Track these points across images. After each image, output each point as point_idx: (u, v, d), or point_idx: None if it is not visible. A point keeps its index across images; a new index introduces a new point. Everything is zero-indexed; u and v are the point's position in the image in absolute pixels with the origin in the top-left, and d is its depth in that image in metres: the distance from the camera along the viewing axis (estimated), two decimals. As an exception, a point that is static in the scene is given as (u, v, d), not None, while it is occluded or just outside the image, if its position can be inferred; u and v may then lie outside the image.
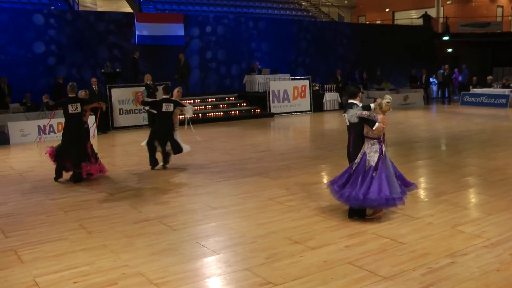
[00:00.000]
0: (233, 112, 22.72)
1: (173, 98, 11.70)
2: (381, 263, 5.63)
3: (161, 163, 11.55)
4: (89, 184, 10.23)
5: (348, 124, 7.49)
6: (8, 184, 10.58)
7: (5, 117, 17.49)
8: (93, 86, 18.66)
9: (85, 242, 6.69)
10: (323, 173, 10.88)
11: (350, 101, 7.79)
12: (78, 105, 10.51)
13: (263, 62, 26.26)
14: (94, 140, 15.07)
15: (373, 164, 6.98)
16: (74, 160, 10.31)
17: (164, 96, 11.61)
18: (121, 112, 19.32)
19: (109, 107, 18.67)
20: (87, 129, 10.97)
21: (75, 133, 10.42)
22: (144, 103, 12.79)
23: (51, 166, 12.19)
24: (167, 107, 11.33)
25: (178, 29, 23.70)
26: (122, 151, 14.93)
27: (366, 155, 7.12)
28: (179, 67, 22.33)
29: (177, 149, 11.40)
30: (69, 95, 10.71)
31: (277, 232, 6.77)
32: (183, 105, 11.79)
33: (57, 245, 6.60)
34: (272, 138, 17.51)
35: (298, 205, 8.11)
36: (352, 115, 7.33)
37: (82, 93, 11.36)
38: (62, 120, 17.45)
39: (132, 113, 19.60)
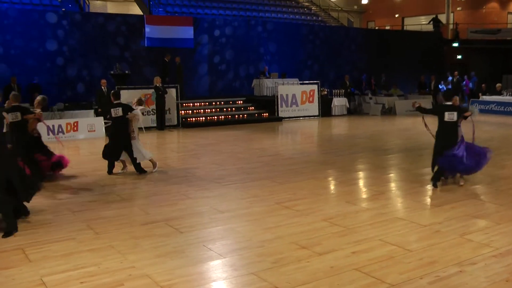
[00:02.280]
0: (241, 115, 22.73)
1: (125, 103, 11.50)
2: (388, 270, 5.60)
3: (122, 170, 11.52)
4: (97, 185, 10.26)
5: (455, 119, 9.54)
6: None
7: (14, 117, 17.55)
8: (103, 88, 18.75)
9: (93, 242, 6.71)
10: (330, 178, 10.86)
11: (446, 103, 9.87)
12: (19, 114, 9.82)
13: (271, 66, 26.27)
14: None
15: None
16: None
17: (114, 102, 11.30)
18: (130, 114, 19.32)
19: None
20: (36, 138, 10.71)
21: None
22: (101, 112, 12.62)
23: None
24: (116, 112, 11.11)
25: (187, 32, 23.76)
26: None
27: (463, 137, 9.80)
28: (176, 69, 22.20)
29: (115, 155, 11.28)
30: (12, 104, 9.95)
31: (284, 237, 6.76)
32: (131, 110, 11.32)
33: (64, 245, 6.62)
34: (280, 142, 17.50)
35: (306, 210, 8.09)
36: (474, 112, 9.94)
37: (38, 99, 11.02)
38: (72, 120, 17.75)
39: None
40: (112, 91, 11.89)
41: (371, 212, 7.93)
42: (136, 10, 29.22)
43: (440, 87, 29.00)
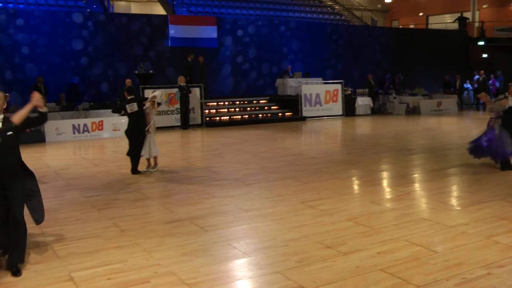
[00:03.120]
0: (264, 115, 22.75)
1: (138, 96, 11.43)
2: (413, 271, 5.56)
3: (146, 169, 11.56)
4: (122, 183, 10.35)
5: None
6: (44, 181, 10.75)
7: (41, 116, 17.82)
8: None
9: (118, 240, 6.77)
10: (354, 178, 10.81)
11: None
12: None
13: (295, 65, 26.25)
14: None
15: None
16: None
17: (128, 97, 11.28)
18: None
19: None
20: None
21: None
22: (114, 111, 12.67)
23: (85, 165, 12.44)
24: (131, 108, 11.12)
25: (211, 32, 23.86)
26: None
27: None
28: (199, 69, 22.28)
29: (139, 152, 11.27)
30: None
31: (308, 236, 6.75)
32: (145, 99, 11.40)
33: (91, 242, 6.70)
34: (303, 142, 17.47)
35: (330, 209, 8.07)
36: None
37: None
38: (97, 119, 17.92)
39: (165, 114, 19.78)
40: (126, 87, 11.89)
41: (396, 212, 7.88)
42: (159, 10, 29.40)
43: (465, 86, 28.75)
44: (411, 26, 37.91)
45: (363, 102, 25.00)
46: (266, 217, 7.70)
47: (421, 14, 39.51)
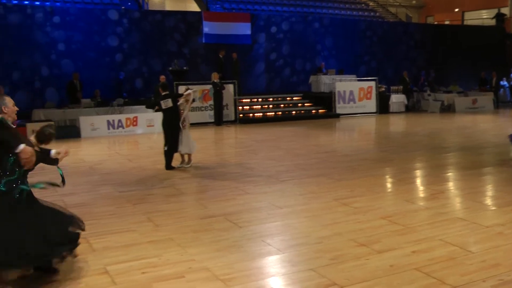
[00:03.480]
0: (298, 112, 22.72)
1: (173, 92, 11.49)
2: (449, 271, 5.49)
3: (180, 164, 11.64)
4: (156, 178, 10.46)
5: None
6: (79, 175, 10.96)
7: (77, 112, 18.19)
8: (161, 84, 19.02)
9: (153, 234, 6.85)
10: (388, 176, 10.73)
11: None
12: None
13: (328, 62, 26.14)
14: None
15: None
16: None
17: (163, 93, 11.38)
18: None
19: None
20: None
21: None
22: (147, 107, 12.74)
23: (119, 160, 12.60)
24: (166, 104, 11.20)
25: (245, 28, 23.91)
26: (188, 147, 15.15)
27: None
28: (232, 65, 22.34)
29: (174, 148, 11.36)
30: None
31: (342, 234, 6.73)
32: (181, 95, 11.54)
33: (126, 236, 6.79)
34: (336, 139, 17.40)
35: (364, 207, 8.02)
36: None
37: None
38: (131, 115, 18.12)
39: (199, 110, 19.89)
40: (161, 83, 11.98)
41: (430, 211, 7.79)
42: (193, 7, 29.55)
43: (501, 83, 28.23)
44: (447, 23, 37.38)
45: (397, 99, 24.75)
46: (300, 214, 7.70)
47: (456, 10, 38.90)
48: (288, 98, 23.76)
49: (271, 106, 22.90)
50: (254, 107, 22.48)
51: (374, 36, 28.09)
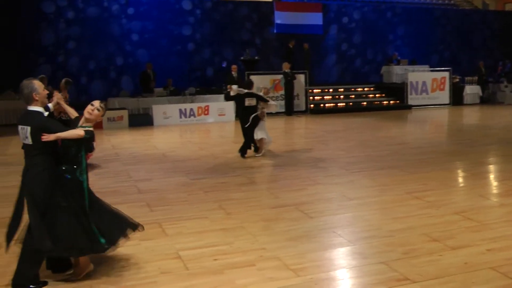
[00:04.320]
0: (369, 103, 22.44)
1: (257, 93, 11.72)
2: (527, 271, 5.29)
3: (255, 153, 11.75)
4: (227, 167, 10.59)
5: None
6: (152, 162, 11.23)
7: (150, 101, 18.65)
8: (233, 73, 19.19)
9: (224, 222, 6.93)
10: (461, 170, 10.43)
11: None
12: None
13: (401, 51, 25.65)
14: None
15: None
16: None
17: (247, 91, 11.56)
18: (259, 99, 19.67)
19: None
20: None
21: None
22: (227, 98, 12.79)
23: (191, 148, 12.81)
24: (250, 102, 11.41)
25: (316, 18, 23.74)
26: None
27: None
28: (303, 56, 22.19)
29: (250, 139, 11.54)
30: None
31: (414, 228, 6.59)
32: (266, 100, 11.68)
33: (197, 223, 6.91)
34: (408, 131, 17.06)
35: (437, 201, 7.84)
36: None
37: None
38: (203, 104, 18.36)
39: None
40: (248, 80, 12.18)
41: (506, 208, 7.51)
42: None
43: None
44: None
45: (471, 90, 23.98)
46: (371, 206, 7.61)
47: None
48: (359, 89, 23.48)
49: (342, 96, 22.69)
50: (325, 97, 22.34)
51: (448, 25, 27.30)
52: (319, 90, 22.51)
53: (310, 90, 21.33)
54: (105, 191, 8.69)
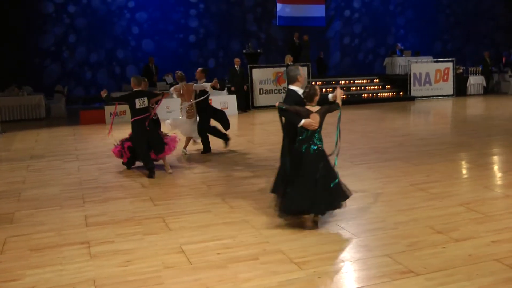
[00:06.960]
0: (372, 94, 22.36)
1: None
2: (533, 264, 5.25)
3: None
4: (229, 161, 10.57)
5: None
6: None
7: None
8: (236, 67, 19.13)
9: (227, 216, 6.92)
10: (466, 161, 10.38)
11: None
12: (145, 99, 9.35)
13: (404, 43, 25.56)
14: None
15: None
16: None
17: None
18: (261, 92, 19.69)
19: (249, 86, 19.15)
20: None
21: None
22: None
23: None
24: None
25: (319, 10, 23.66)
26: (262, 130, 15.26)
27: None
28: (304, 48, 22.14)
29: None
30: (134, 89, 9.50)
31: (419, 220, 6.57)
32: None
33: (201, 217, 6.91)
34: (412, 122, 17.02)
35: (441, 193, 7.80)
36: None
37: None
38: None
39: (272, 93, 19.91)
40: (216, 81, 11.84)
41: (511, 199, 7.49)
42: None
43: None
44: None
45: (475, 81, 23.86)
46: (375, 198, 7.59)
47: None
48: (362, 81, 23.40)
49: (344, 88, 22.60)
50: (328, 89, 22.24)
51: (451, 15, 27.18)
52: (321, 83, 22.43)
53: (317, 82, 21.25)
54: (109, 185, 8.72)
